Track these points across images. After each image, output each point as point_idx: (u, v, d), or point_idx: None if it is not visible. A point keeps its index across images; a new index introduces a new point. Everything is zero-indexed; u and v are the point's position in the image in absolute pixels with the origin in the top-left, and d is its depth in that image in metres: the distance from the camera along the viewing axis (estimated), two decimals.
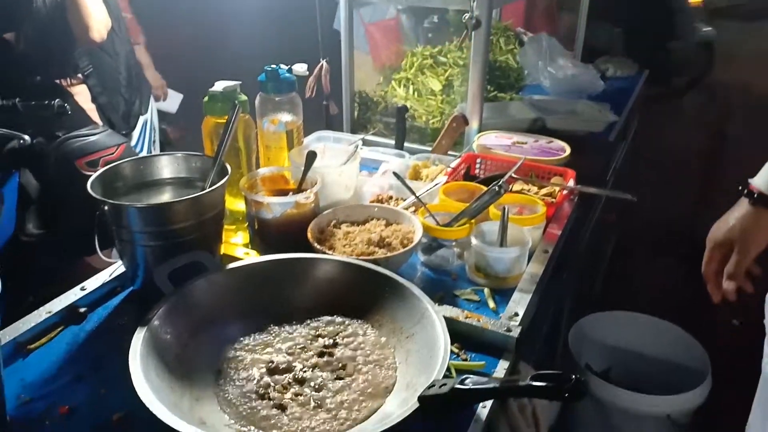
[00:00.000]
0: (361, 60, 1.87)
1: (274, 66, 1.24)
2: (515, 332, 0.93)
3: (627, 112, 2.13)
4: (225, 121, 1.11)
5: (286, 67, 1.27)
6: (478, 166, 1.48)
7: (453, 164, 1.41)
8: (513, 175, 1.23)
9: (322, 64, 1.66)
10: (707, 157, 2.74)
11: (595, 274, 2.32)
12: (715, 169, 2.71)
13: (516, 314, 0.99)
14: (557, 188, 1.34)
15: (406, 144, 1.63)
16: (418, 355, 0.85)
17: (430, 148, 1.61)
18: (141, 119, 2.15)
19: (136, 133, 2.13)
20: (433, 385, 0.72)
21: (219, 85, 1.16)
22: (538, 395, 0.61)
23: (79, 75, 1.79)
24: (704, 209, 2.68)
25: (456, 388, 0.68)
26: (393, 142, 1.65)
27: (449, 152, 1.56)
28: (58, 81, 1.70)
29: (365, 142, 1.52)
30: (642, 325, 1.96)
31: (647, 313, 1.96)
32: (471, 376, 0.70)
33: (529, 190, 1.35)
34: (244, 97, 1.18)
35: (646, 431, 1.65)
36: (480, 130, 1.58)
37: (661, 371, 1.87)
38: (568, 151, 1.52)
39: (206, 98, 1.16)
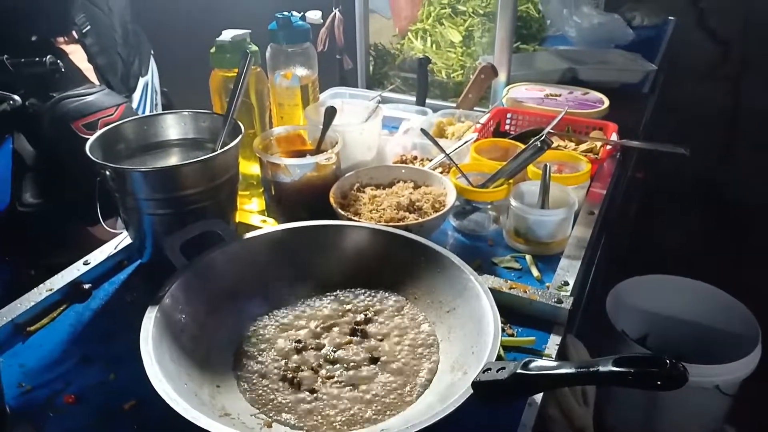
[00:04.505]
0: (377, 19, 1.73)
1: (286, 13, 1.12)
2: (567, 303, 0.84)
3: (659, 62, 2.00)
4: (235, 74, 0.99)
5: (299, 14, 1.15)
6: (508, 121, 1.36)
7: (482, 120, 1.29)
8: (551, 130, 1.12)
9: (335, 14, 1.52)
10: (728, 110, 2.60)
11: (623, 236, 2.21)
12: (737, 123, 2.57)
13: (566, 283, 0.90)
14: (597, 144, 1.22)
15: (426, 100, 1.51)
16: (463, 332, 0.76)
17: (453, 104, 1.49)
18: (141, 81, 2.02)
19: (136, 96, 2.00)
20: (489, 369, 0.63)
21: (227, 34, 1.04)
22: (624, 383, 0.52)
23: (74, 33, 1.66)
24: (730, 165, 2.56)
25: (519, 374, 0.59)
26: (412, 98, 1.53)
27: (475, 108, 1.44)
28: (52, 40, 1.57)
29: (382, 100, 1.41)
30: (681, 289, 1.85)
31: (680, 275, 1.85)
32: (534, 358, 0.60)
33: (566, 147, 1.24)
34: (255, 47, 1.06)
35: (694, 402, 1.56)
36: (508, 83, 1.46)
37: (704, 338, 1.77)
38: (607, 103, 1.40)
39: (213, 49, 1.04)
